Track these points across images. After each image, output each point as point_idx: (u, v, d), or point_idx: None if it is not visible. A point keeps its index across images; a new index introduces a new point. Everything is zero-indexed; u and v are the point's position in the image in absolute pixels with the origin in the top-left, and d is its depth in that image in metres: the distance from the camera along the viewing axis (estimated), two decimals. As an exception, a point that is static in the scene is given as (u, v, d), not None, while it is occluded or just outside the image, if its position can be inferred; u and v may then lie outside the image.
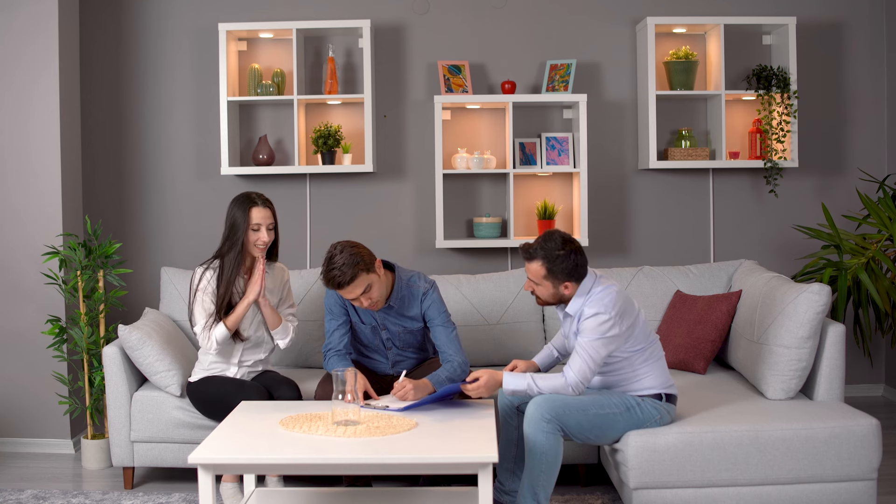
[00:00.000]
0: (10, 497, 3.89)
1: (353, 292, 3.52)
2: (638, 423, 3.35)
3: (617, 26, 5.24)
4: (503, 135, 5.21)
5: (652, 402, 3.37)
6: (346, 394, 3.10)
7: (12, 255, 4.64)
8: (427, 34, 5.22)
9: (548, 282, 3.34)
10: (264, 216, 3.77)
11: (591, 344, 3.26)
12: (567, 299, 3.39)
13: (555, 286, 3.34)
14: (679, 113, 5.25)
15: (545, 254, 3.30)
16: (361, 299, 3.55)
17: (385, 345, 3.82)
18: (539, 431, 3.22)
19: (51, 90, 4.62)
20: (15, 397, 4.66)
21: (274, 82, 5.04)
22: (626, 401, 3.35)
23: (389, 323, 3.75)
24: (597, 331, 3.25)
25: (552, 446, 3.22)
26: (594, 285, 3.36)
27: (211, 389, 3.78)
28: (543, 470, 3.23)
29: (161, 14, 5.18)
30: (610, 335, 3.26)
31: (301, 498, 3.42)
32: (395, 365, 3.87)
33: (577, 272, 3.32)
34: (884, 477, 3.86)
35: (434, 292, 3.75)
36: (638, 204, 5.27)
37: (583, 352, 3.26)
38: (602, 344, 3.26)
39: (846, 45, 5.29)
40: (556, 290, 3.35)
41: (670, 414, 3.40)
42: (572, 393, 3.27)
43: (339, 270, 3.47)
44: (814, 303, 3.55)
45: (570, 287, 3.34)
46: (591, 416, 3.29)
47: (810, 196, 5.29)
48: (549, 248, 3.30)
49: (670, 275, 4.55)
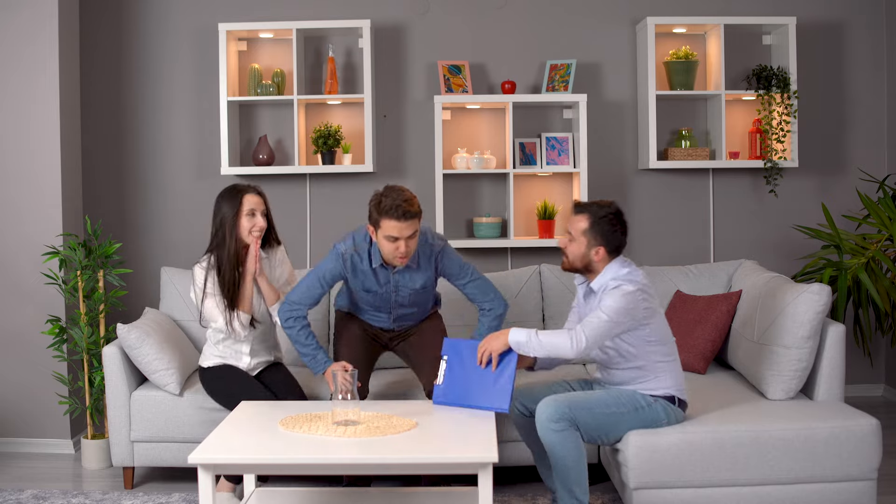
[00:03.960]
0: (10, 497, 3.89)
1: (412, 227, 3.45)
2: (645, 424, 3.33)
3: (617, 26, 5.24)
4: (503, 135, 5.21)
5: (664, 405, 3.35)
6: (345, 394, 3.10)
7: (12, 255, 4.64)
8: (427, 34, 5.22)
9: (584, 238, 3.32)
10: (257, 202, 3.76)
11: (612, 308, 3.20)
12: (593, 269, 3.36)
13: (588, 246, 3.32)
14: (679, 113, 5.25)
15: (595, 210, 3.33)
16: (407, 243, 3.47)
17: (392, 304, 3.75)
18: (552, 433, 3.20)
19: (51, 90, 4.62)
20: (15, 397, 4.66)
21: (274, 82, 5.04)
22: (635, 400, 3.33)
23: (402, 287, 3.69)
24: (620, 300, 3.20)
25: (570, 443, 3.21)
26: (623, 266, 3.34)
27: (225, 383, 3.79)
28: (570, 467, 3.23)
29: (161, 14, 5.18)
30: (632, 307, 3.22)
31: (301, 498, 3.42)
32: (396, 320, 3.82)
33: (613, 240, 3.31)
34: (884, 477, 3.86)
35: (447, 248, 3.71)
36: (638, 204, 5.27)
37: (602, 314, 3.21)
38: (623, 312, 3.20)
39: (846, 45, 5.29)
40: (587, 252, 3.33)
41: (678, 419, 3.39)
42: (572, 348, 3.20)
43: (411, 202, 3.43)
44: (814, 303, 3.55)
45: (601, 254, 3.32)
46: (597, 415, 3.27)
47: (810, 196, 5.28)
48: (600, 207, 3.33)
49: (670, 275, 4.54)
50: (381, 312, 3.81)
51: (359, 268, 3.66)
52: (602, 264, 3.35)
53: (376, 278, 3.67)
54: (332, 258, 3.68)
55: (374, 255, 3.62)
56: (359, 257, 3.64)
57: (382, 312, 3.81)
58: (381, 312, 3.81)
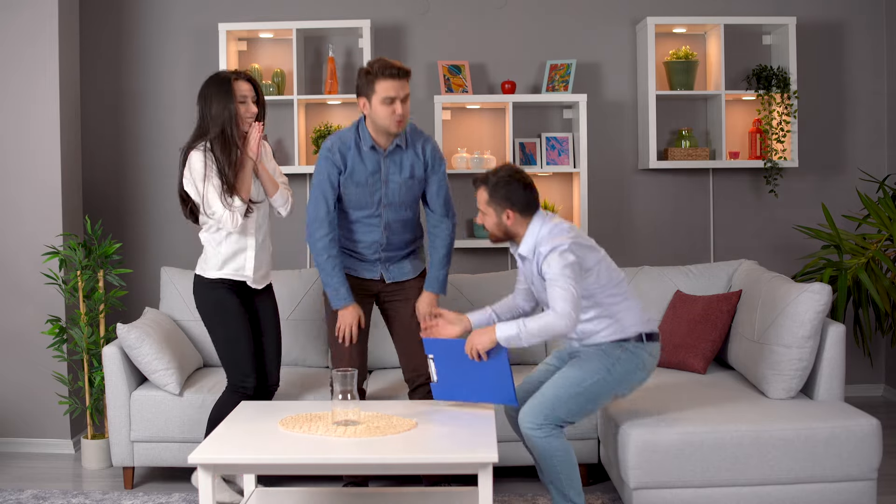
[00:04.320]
0: (10, 497, 3.89)
1: (406, 87, 3.51)
2: (625, 377, 3.28)
3: (617, 26, 5.24)
4: (503, 135, 5.21)
5: (633, 348, 3.29)
6: (345, 394, 3.10)
7: (12, 255, 4.64)
8: (427, 34, 5.22)
9: (490, 209, 3.29)
10: (248, 88, 3.68)
11: (559, 274, 3.14)
12: (514, 234, 3.32)
13: (497, 214, 3.28)
14: (679, 113, 5.26)
15: (489, 178, 3.29)
16: (403, 105, 3.51)
17: (380, 204, 3.67)
18: (537, 439, 3.20)
19: (51, 90, 4.62)
20: (15, 397, 4.66)
21: (274, 82, 5.04)
22: (603, 362, 3.27)
23: (392, 176, 3.65)
24: (560, 261, 3.14)
25: (556, 447, 3.20)
26: (545, 224, 3.28)
27: (213, 307, 3.71)
28: (560, 471, 3.21)
29: (161, 14, 5.18)
30: (573, 260, 3.15)
31: (301, 498, 3.42)
32: (387, 247, 3.73)
33: (517, 199, 3.26)
34: (884, 477, 3.86)
35: (433, 140, 3.76)
36: (638, 204, 5.27)
37: (556, 287, 3.13)
38: (570, 268, 3.14)
39: (846, 45, 5.29)
40: (500, 221, 3.29)
41: (653, 355, 3.33)
42: (566, 324, 3.12)
43: (399, 63, 3.50)
44: (814, 302, 3.55)
45: (513, 217, 3.28)
46: (575, 397, 3.23)
47: (810, 196, 5.29)
48: (493, 173, 3.29)
49: (670, 275, 4.54)
50: (372, 229, 3.71)
51: (348, 157, 3.63)
52: (520, 227, 3.30)
53: (365, 166, 3.63)
54: (322, 158, 3.65)
55: (363, 137, 3.62)
56: (346, 146, 3.63)
57: (373, 229, 3.71)
58: (372, 229, 3.71)
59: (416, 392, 3.75)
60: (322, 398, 3.96)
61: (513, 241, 3.37)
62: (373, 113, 3.54)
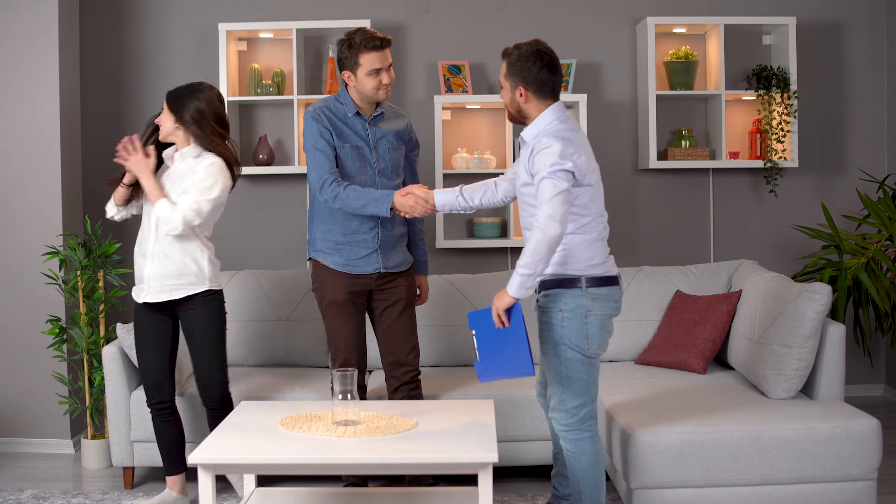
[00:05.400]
0: (10, 497, 3.89)
1: (389, 57, 3.55)
2: (576, 338, 3.07)
3: (617, 26, 5.24)
4: (503, 135, 5.21)
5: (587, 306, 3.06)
6: (345, 394, 3.10)
7: (12, 255, 4.64)
8: (427, 34, 5.22)
9: (507, 83, 3.11)
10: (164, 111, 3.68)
11: (554, 176, 2.90)
12: (526, 114, 3.12)
13: (512, 90, 3.10)
14: (679, 113, 5.26)
15: (512, 51, 3.11)
16: (389, 73, 3.54)
17: (374, 170, 3.63)
18: (564, 441, 3.14)
19: (51, 90, 4.62)
20: (15, 397, 4.67)
21: (274, 82, 5.04)
22: (553, 345, 3.11)
23: (379, 136, 3.65)
24: (552, 156, 2.92)
25: (581, 451, 3.11)
26: (558, 118, 3.07)
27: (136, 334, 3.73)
28: (581, 478, 3.12)
29: (161, 14, 5.18)
30: (569, 167, 2.92)
31: (301, 498, 3.42)
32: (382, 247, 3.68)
33: (532, 78, 3.05)
34: (884, 477, 3.86)
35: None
36: (638, 204, 5.27)
37: (545, 188, 2.90)
38: (563, 176, 2.90)
39: (846, 45, 5.30)
40: (514, 97, 3.10)
41: (614, 297, 3.10)
42: (556, 230, 2.86)
43: (379, 34, 3.54)
44: (814, 302, 3.55)
45: (525, 96, 3.07)
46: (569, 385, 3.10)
47: (810, 196, 5.29)
48: (517, 47, 3.10)
49: (670, 275, 4.55)
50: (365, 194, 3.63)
51: (334, 120, 3.62)
52: (533, 109, 3.10)
53: (352, 130, 3.63)
54: (307, 122, 3.61)
55: (346, 105, 3.63)
56: (330, 111, 3.63)
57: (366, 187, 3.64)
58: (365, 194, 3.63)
59: (397, 393, 3.76)
60: (322, 398, 3.96)
61: (524, 124, 3.17)
62: (359, 84, 3.58)
